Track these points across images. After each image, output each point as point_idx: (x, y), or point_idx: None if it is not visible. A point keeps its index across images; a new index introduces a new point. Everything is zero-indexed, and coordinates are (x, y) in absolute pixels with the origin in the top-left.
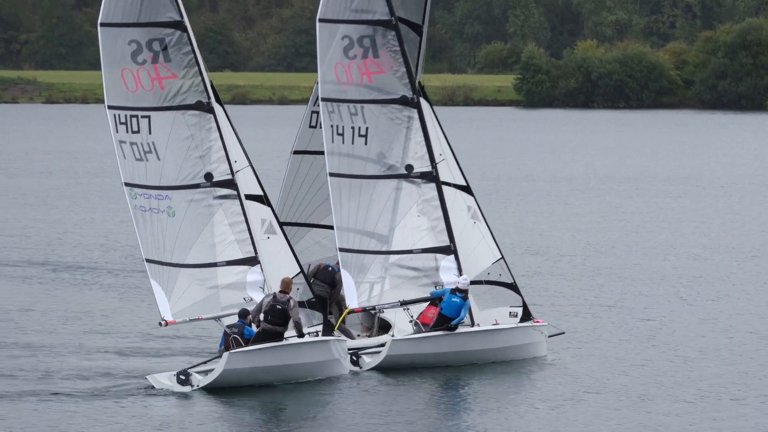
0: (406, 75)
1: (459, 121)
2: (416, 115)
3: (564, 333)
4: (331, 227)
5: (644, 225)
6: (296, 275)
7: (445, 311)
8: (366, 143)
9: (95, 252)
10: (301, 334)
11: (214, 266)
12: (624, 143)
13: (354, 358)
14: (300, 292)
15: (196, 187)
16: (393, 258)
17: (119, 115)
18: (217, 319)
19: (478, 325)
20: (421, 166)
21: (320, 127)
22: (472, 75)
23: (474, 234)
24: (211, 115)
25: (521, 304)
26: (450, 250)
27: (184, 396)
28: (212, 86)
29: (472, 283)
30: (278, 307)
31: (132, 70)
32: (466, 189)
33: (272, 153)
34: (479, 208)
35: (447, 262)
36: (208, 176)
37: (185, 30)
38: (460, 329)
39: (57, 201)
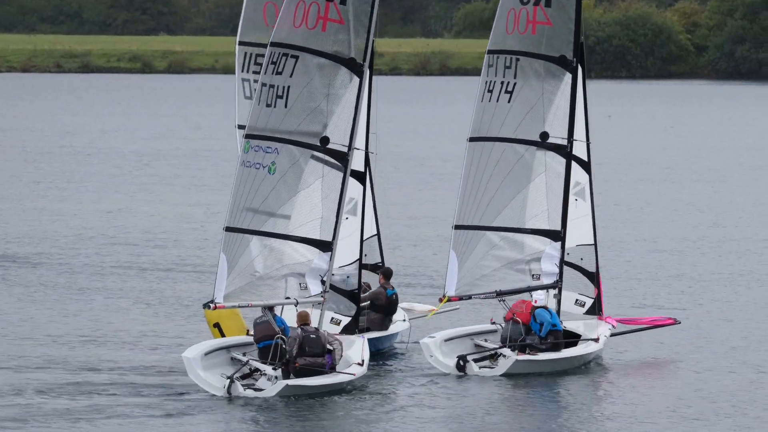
0: (572, 33)
1: (433, 93)
2: (569, 80)
3: (680, 323)
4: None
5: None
6: (353, 262)
7: (554, 327)
8: (509, 100)
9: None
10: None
11: (286, 239)
12: (624, 118)
13: (461, 362)
14: (348, 280)
15: (307, 147)
16: (500, 235)
17: (274, 53)
18: (265, 308)
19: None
20: (557, 136)
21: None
22: (449, 39)
23: (570, 211)
24: (358, 79)
25: (593, 297)
26: (559, 236)
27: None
28: (372, 50)
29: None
30: (312, 336)
31: (305, 2)
32: (585, 165)
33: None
34: (591, 188)
35: (551, 249)
36: (324, 140)
37: None
38: (572, 352)
39: None
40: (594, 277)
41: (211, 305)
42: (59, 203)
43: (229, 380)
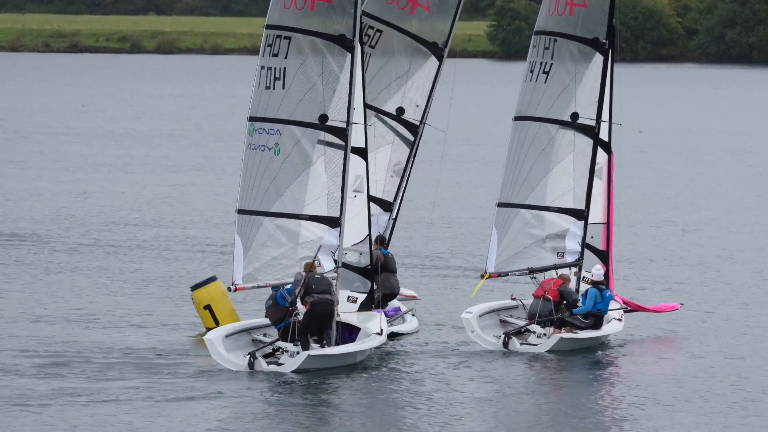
0: (606, 15)
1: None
2: (600, 62)
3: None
4: None
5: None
6: (363, 240)
7: (604, 309)
8: (546, 81)
9: None
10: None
11: (297, 218)
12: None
13: (506, 338)
14: (361, 257)
15: (308, 126)
16: (532, 213)
17: (269, 35)
18: (282, 286)
19: None
20: (586, 117)
21: None
22: None
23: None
24: (349, 55)
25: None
26: (583, 215)
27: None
28: (361, 25)
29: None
30: (317, 276)
31: None
32: (605, 145)
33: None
34: (609, 168)
35: (575, 227)
36: (323, 118)
37: None
38: (608, 329)
39: None
40: (604, 255)
41: (232, 287)
42: (35, 182)
43: (250, 356)
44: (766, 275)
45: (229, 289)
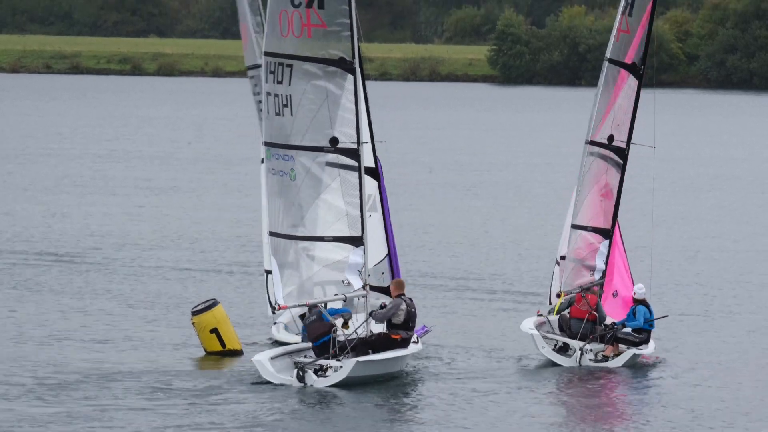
0: (644, 41)
1: (423, 99)
2: (635, 85)
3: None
4: None
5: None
6: (383, 259)
7: (650, 326)
8: (595, 104)
9: None
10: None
11: (321, 240)
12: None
13: (580, 354)
14: (384, 276)
15: (319, 151)
16: (576, 233)
17: (271, 63)
18: (311, 307)
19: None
20: (618, 140)
21: None
22: (439, 45)
23: (597, 206)
24: (351, 76)
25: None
26: (609, 234)
27: (294, 391)
28: (359, 47)
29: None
30: (412, 310)
31: (288, 12)
32: (621, 167)
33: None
34: (620, 187)
35: (603, 246)
36: (333, 141)
37: None
38: (652, 346)
39: None
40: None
41: (276, 306)
42: (29, 203)
43: (299, 370)
44: None
45: (273, 309)
